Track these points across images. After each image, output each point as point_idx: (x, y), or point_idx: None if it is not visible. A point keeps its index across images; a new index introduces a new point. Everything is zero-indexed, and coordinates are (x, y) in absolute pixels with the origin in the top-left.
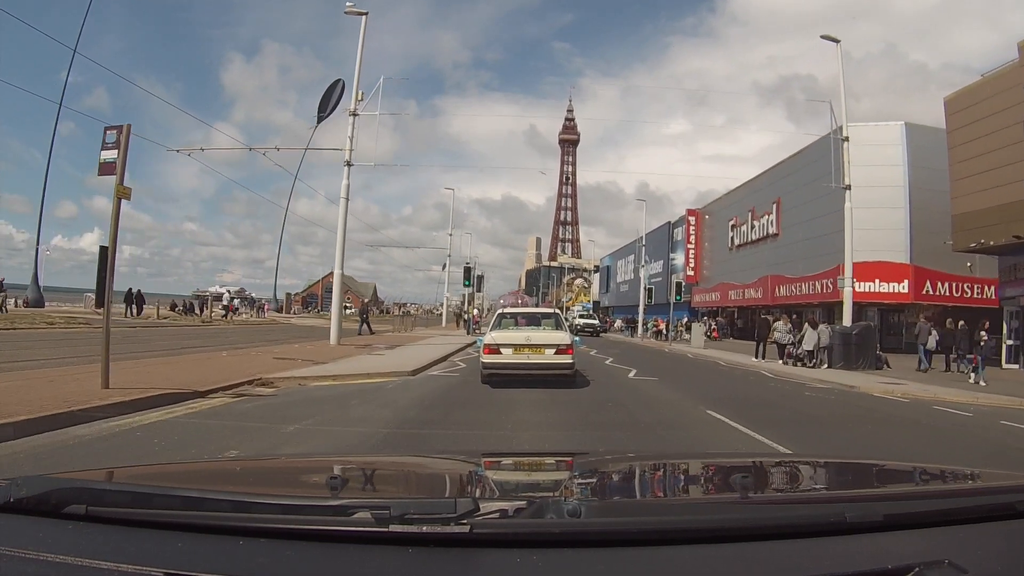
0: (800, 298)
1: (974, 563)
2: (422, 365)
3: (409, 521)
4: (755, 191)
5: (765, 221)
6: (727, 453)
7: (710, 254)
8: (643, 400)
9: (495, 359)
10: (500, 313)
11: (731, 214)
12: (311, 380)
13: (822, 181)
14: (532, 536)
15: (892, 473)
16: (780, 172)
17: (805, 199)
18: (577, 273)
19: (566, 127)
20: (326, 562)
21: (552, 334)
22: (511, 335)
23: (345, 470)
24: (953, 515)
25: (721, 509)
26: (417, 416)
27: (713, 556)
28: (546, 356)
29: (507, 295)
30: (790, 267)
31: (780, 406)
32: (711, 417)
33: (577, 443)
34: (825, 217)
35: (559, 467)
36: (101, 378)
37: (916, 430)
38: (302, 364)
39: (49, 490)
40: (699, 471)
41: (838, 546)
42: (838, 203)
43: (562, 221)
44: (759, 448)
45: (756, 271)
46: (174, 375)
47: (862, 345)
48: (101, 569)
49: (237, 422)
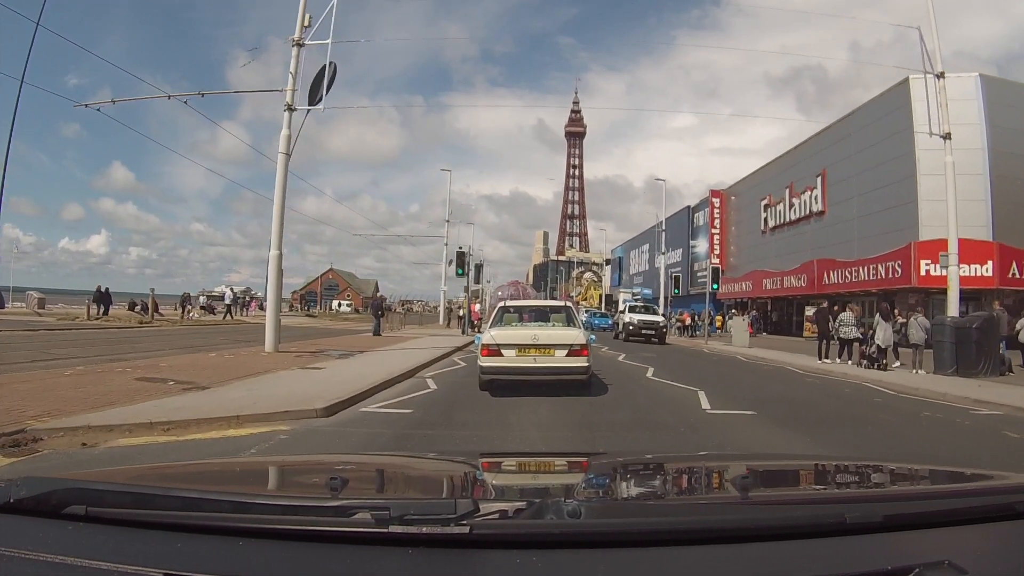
0: (856, 285)
1: (974, 564)
2: (363, 390)
3: (409, 522)
4: (793, 164)
5: (807, 198)
6: (727, 454)
7: (737, 239)
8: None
9: (495, 362)
10: (501, 307)
11: (763, 192)
12: (125, 432)
13: (885, 144)
14: (532, 537)
15: (892, 474)
16: (826, 139)
17: (859, 168)
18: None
19: (572, 119)
20: (326, 563)
21: (563, 332)
22: (514, 333)
23: (345, 470)
24: (953, 516)
25: (721, 510)
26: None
27: (713, 557)
28: (556, 358)
29: (505, 285)
30: (841, 249)
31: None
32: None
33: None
34: (888, 188)
35: (559, 468)
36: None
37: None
38: (168, 392)
39: (49, 491)
40: (699, 472)
41: (838, 547)
42: (905, 168)
43: (569, 215)
44: None
45: (797, 256)
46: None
47: (982, 343)
48: (101, 570)
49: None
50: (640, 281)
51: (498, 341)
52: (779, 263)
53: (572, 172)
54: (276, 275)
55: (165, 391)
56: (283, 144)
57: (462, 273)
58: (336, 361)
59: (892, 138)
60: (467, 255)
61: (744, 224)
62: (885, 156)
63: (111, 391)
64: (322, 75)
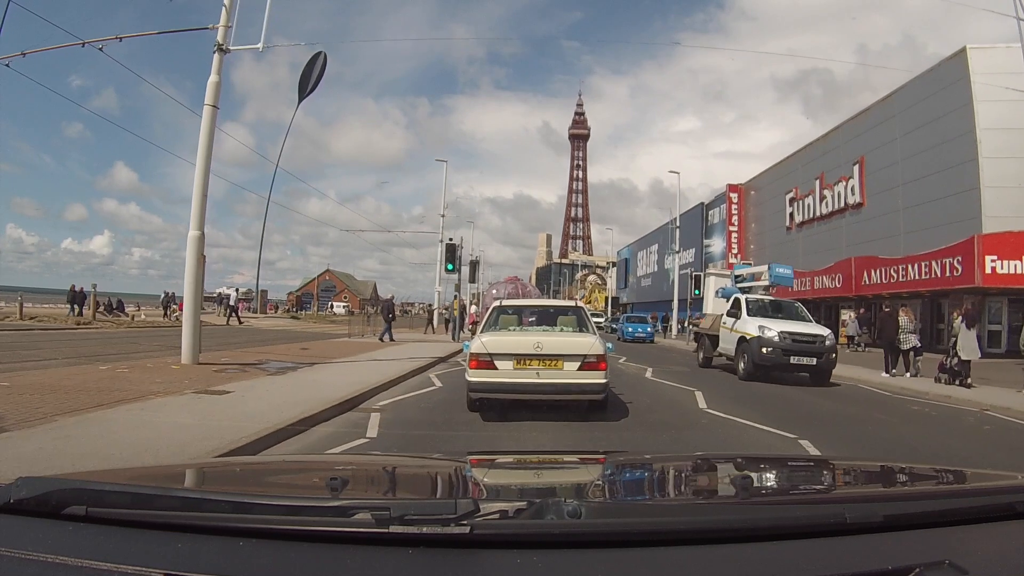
0: (903, 285)
1: (974, 564)
2: (251, 439)
3: (409, 522)
4: (824, 153)
5: (841, 189)
6: (728, 454)
7: (758, 237)
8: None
9: (487, 376)
10: (496, 307)
11: (787, 185)
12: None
13: (938, 124)
14: (532, 537)
15: (892, 474)
16: (863, 123)
17: (905, 153)
18: (590, 269)
19: (576, 121)
20: (326, 563)
21: (575, 339)
22: (512, 340)
23: (345, 471)
24: (953, 516)
25: (721, 510)
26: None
27: (713, 557)
28: (565, 373)
29: (501, 282)
30: (884, 245)
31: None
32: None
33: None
34: (942, 174)
35: (559, 467)
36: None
37: None
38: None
39: (49, 491)
40: (699, 472)
41: (838, 547)
42: (964, 150)
43: (573, 218)
44: None
45: (830, 254)
46: None
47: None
48: (101, 570)
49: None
50: (648, 283)
51: (491, 350)
52: (808, 262)
53: (575, 174)
54: (196, 263)
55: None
56: (210, 94)
57: (453, 268)
58: (264, 379)
59: (946, 117)
60: (458, 248)
61: (766, 220)
62: (938, 138)
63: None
64: (311, 68)
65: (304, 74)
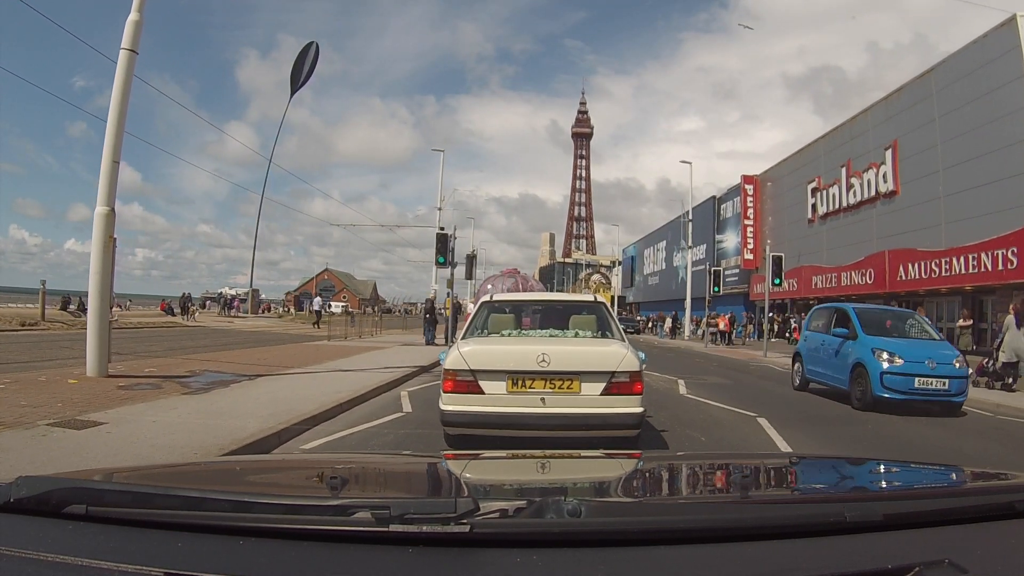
0: (946, 280)
1: (974, 563)
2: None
3: (409, 521)
4: (850, 139)
5: (871, 176)
6: (728, 454)
7: (776, 231)
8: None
9: (469, 404)
10: (486, 303)
11: (809, 175)
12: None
13: (984, 101)
14: (532, 536)
15: (892, 473)
16: (896, 105)
17: (946, 135)
18: (594, 269)
19: (579, 120)
20: (326, 562)
21: (596, 348)
22: (507, 350)
23: (345, 470)
24: (953, 515)
25: (721, 509)
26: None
27: (713, 556)
28: (583, 399)
29: (497, 276)
30: (922, 237)
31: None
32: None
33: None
34: (990, 156)
35: (559, 467)
36: None
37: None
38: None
39: (49, 490)
40: (699, 471)
41: (838, 546)
42: (1017, 128)
43: (576, 217)
44: None
45: (859, 247)
46: None
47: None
48: (101, 569)
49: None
50: (656, 282)
51: (474, 365)
52: (833, 257)
53: (579, 173)
54: (102, 248)
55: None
56: (128, 36)
57: (444, 262)
58: (170, 401)
59: (995, 93)
60: (451, 238)
61: (784, 213)
62: (985, 117)
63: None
64: (303, 59)
65: (296, 65)
